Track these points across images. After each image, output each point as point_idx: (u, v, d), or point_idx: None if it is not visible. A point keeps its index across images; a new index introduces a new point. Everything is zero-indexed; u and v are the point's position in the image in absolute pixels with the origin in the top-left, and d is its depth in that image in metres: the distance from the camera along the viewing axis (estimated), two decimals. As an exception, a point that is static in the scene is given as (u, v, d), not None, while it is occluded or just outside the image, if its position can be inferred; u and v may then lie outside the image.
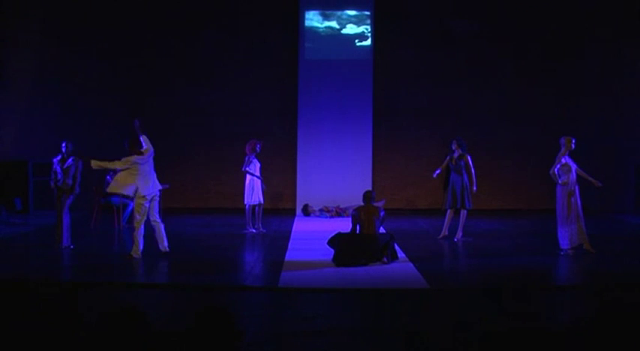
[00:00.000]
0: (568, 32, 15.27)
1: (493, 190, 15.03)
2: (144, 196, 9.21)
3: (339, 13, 15.35)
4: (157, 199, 9.61)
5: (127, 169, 9.18)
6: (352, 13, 15.35)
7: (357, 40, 15.35)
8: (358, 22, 15.34)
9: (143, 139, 9.25)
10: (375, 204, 9.64)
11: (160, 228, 9.48)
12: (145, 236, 9.33)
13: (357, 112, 15.20)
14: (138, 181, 9.14)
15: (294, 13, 15.31)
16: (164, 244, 9.52)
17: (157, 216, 9.52)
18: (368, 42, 15.29)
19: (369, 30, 15.28)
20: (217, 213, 14.68)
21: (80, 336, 3.55)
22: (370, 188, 9.54)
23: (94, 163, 9.18)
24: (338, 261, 8.86)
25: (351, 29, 15.35)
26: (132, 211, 12.29)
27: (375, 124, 15.24)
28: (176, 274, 8.77)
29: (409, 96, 15.51)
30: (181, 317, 6.30)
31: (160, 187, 9.58)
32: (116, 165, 9.28)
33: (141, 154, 9.18)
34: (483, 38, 15.38)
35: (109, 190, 9.56)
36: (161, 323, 5.78)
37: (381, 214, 9.20)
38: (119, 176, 9.30)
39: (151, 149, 9.24)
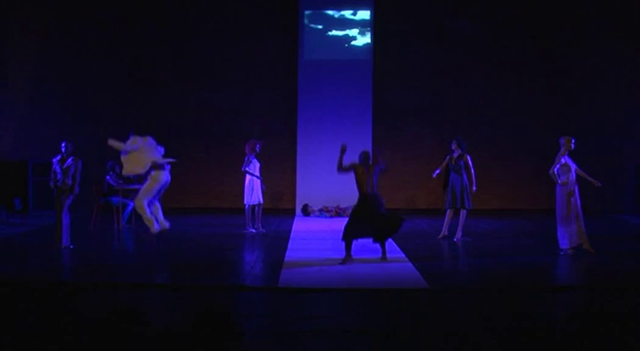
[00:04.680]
0: (568, 32, 15.27)
1: (493, 190, 15.03)
2: (158, 182, 9.71)
3: (338, 13, 15.36)
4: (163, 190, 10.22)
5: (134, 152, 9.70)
6: (352, 13, 15.35)
7: (356, 40, 15.35)
8: (358, 22, 15.34)
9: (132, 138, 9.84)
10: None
11: (159, 210, 10.09)
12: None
13: (356, 112, 15.20)
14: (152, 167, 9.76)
15: (294, 13, 15.31)
16: (164, 221, 9.80)
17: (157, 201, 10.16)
18: (367, 42, 15.29)
19: (369, 30, 15.28)
20: (217, 213, 14.69)
21: (80, 336, 3.55)
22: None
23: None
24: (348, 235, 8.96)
25: (350, 29, 15.35)
26: (132, 211, 12.35)
27: (375, 124, 15.25)
28: (176, 274, 8.77)
29: (409, 96, 15.51)
30: (181, 317, 6.30)
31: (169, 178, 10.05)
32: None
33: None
34: (483, 38, 15.39)
35: (124, 172, 9.98)
36: (161, 323, 5.78)
37: (379, 168, 9.40)
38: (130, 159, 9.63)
39: (136, 145, 9.71)
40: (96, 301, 6.93)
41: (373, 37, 15.25)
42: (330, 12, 15.38)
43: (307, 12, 15.33)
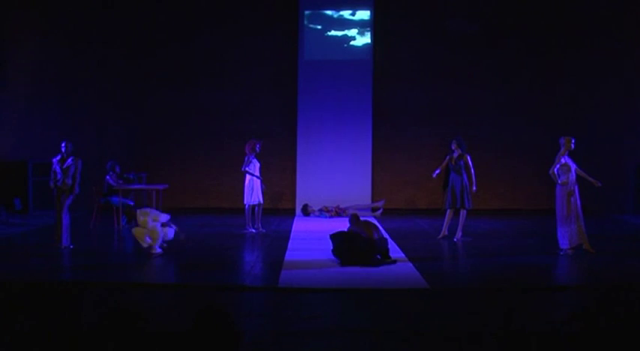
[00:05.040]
0: (568, 32, 15.27)
1: (493, 190, 15.03)
2: (166, 237, 9.75)
3: (338, 13, 15.36)
4: None
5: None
6: (351, 13, 15.35)
7: (356, 40, 15.36)
8: (358, 22, 15.35)
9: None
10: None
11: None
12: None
13: (356, 112, 15.21)
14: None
15: (294, 13, 15.32)
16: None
17: None
18: (367, 42, 15.29)
19: (369, 30, 15.28)
20: (217, 213, 14.69)
21: (80, 336, 3.55)
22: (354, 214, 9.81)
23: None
24: (344, 260, 8.92)
25: (350, 29, 15.35)
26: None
27: (375, 124, 15.25)
28: (176, 274, 8.78)
29: (409, 96, 15.51)
30: (181, 317, 6.29)
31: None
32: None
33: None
34: (483, 38, 15.39)
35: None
36: (161, 323, 5.78)
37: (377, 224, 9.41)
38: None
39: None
40: (96, 301, 6.93)
41: (373, 37, 15.25)
42: (329, 12, 15.38)
43: (307, 12, 15.33)
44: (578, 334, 3.75)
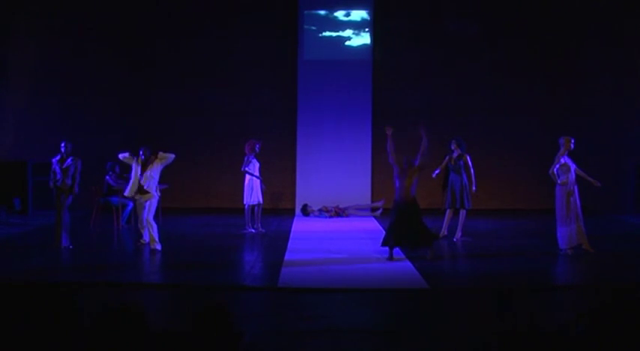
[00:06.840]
0: (568, 31, 15.27)
1: (493, 190, 15.02)
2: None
3: (338, 13, 15.36)
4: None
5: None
6: (351, 13, 15.35)
7: (356, 40, 15.35)
8: (357, 22, 15.34)
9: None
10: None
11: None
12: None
13: (356, 113, 15.20)
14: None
15: (294, 13, 15.31)
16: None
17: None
18: (367, 42, 15.29)
19: (368, 30, 15.28)
20: (217, 213, 14.68)
21: (80, 336, 3.55)
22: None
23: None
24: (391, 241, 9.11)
25: (350, 29, 15.35)
26: (131, 211, 12.35)
27: (374, 124, 15.24)
28: (176, 274, 8.77)
29: (409, 96, 15.50)
30: (181, 317, 6.29)
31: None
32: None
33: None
34: (483, 38, 15.39)
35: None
36: (161, 323, 5.78)
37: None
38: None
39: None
40: (96, 301, 6.93)
41: (372, 37, 15.25)
42: (329, 12, 15.37)
43: (307, 12, 15.33)
44: (577, 334, 3.75)
